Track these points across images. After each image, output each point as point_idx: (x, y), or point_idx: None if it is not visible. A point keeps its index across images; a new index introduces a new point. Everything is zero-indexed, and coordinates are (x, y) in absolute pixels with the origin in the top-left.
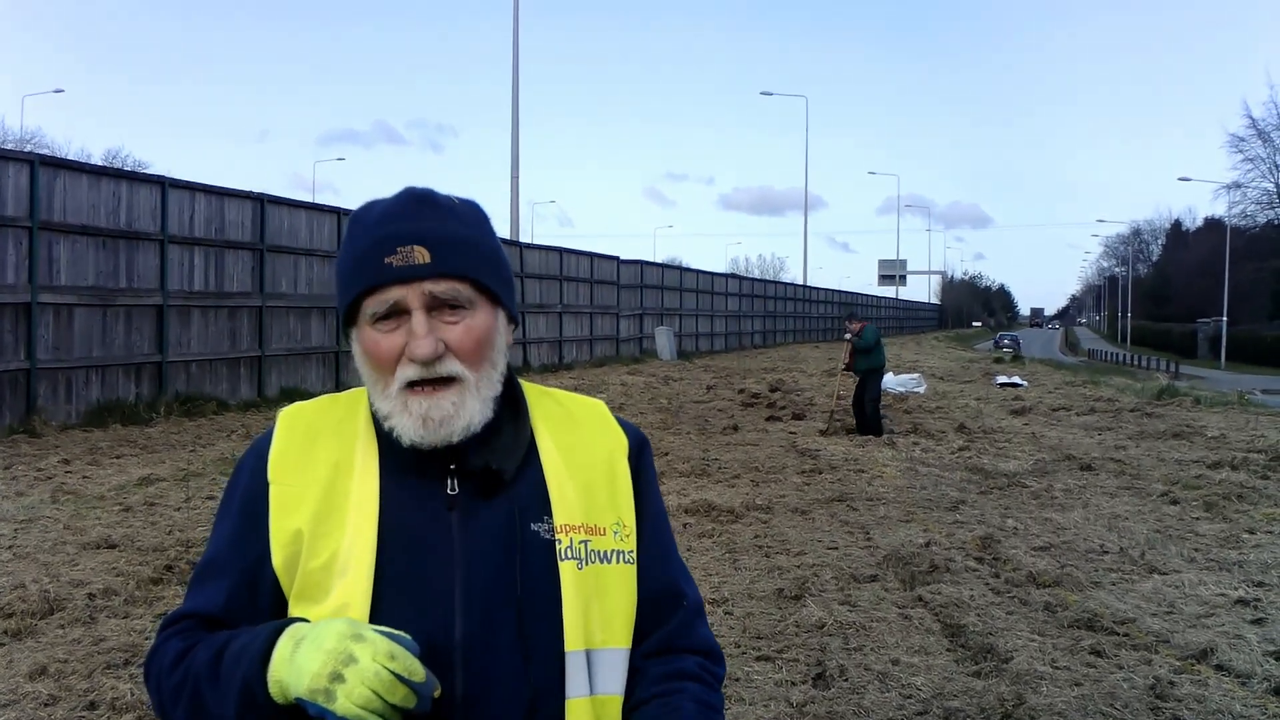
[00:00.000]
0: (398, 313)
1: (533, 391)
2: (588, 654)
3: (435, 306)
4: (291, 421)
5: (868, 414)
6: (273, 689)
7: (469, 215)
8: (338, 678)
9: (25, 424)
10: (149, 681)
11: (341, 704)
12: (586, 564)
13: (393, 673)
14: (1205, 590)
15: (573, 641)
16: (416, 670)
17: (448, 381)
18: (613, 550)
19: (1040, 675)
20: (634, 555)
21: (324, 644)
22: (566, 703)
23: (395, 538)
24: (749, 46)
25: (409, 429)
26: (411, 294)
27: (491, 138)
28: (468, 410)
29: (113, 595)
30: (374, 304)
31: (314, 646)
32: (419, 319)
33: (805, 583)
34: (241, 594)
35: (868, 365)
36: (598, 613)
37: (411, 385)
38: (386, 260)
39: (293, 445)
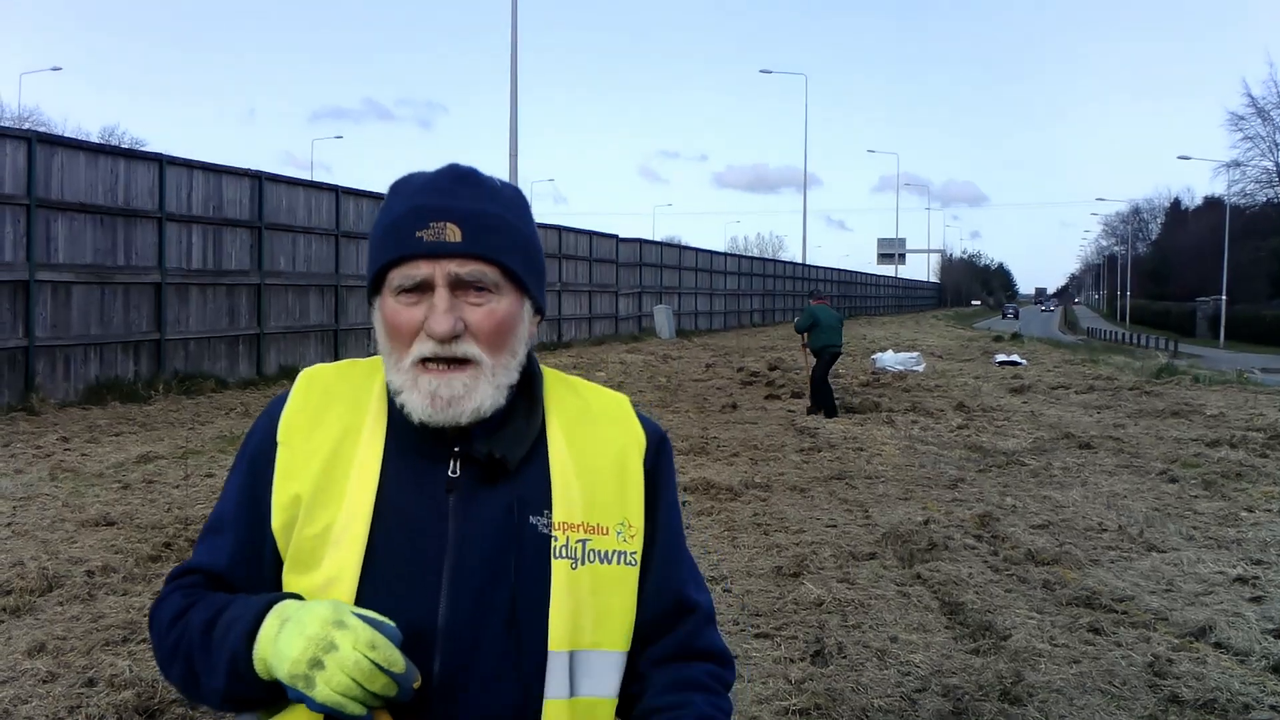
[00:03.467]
0: (422, 288)
1: (553, 380)
2: (571, 655)
3: (460, 286)
4: (309, 382)
5: (813, 392)
6: (257, 666)
7: (510, 199)
8: (317, 664)
9: (24, 402)
10: (152, 631)
11: (320, 691)
12: (583, 564)
13: (373, 662)
14: (1204, 568)
15: (556, 641)
16: (396, 661)
17: (463, 363)
18: (614, 551)
19: (1039, 653)
20: (638, 557)
21: (306, 629)
22: (544, 703)
23: (391, 514)
24: (741, 23)
25: (417, 406)
26: (437, 271)
27: (483, 115)
28: (479, 394)
29: (111, 572)
30: (399, 276)
31: (296, 631)
32: (441, 296)
33: (804, 560)
34: (244, 552)
35: (814, 345)
36: (590, 614)
37: (425, 362)
38: (417, 234)
39: (308, 407)
